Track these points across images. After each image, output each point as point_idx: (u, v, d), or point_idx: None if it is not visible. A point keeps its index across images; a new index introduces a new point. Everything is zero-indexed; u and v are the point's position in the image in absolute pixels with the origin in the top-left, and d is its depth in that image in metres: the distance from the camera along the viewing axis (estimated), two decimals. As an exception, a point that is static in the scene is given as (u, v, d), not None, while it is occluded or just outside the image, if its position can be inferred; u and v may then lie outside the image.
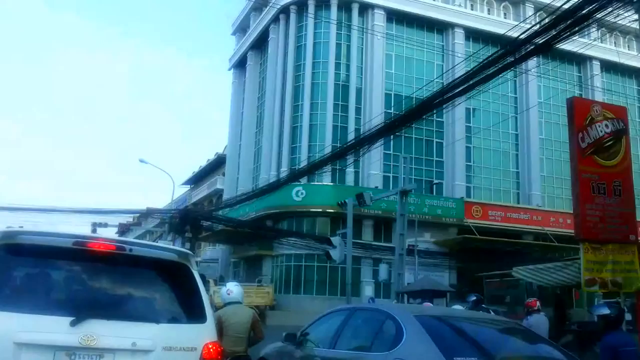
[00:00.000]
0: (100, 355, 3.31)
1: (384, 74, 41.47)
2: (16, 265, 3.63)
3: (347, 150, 20.33)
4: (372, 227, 37.94)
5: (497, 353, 4.63)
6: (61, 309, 3.35)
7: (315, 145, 38.80)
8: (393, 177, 36.74)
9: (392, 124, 17.18)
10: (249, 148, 48.51)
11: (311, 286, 37.18)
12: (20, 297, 3.43)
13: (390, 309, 5.76)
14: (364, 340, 5.63)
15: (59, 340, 3.24)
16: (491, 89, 20.37)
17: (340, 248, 20.43)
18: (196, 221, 32.37)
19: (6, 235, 3.61)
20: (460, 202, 39.84)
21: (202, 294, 3.92)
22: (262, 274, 38.90)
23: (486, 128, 40.76)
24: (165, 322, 3.61)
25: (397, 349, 4.66)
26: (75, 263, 3.68)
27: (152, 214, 40.08)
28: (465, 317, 5.82)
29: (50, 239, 3.65)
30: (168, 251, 4.06)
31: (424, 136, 41.08)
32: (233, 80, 54.57)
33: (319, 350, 5.98)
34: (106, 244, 3.67)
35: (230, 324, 6.06)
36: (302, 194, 37.17)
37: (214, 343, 3.71)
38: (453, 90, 12.80)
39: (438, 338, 4.52)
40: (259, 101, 48.76)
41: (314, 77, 41.57)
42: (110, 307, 3.53)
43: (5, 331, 3.15)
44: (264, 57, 48.65)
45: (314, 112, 40.95)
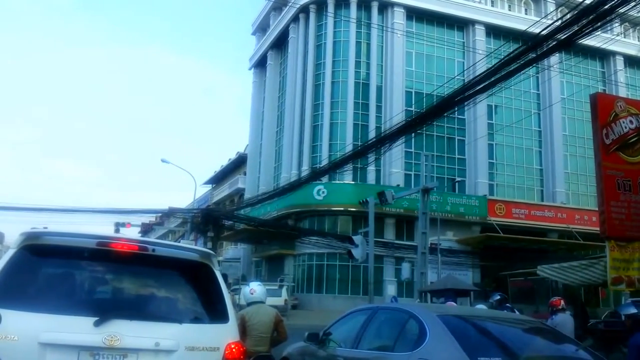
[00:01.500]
0: (123, 355, 3.32)
1: (404, 71, 41.28)
2: (40, 266, 3.66)
3: (368, 148, 20.24)
4: (394, 226, 37.80)
5: (521, 353, 4.57)
6: (85, 310, 3.38)
7: (336, 143, 38.80)
8: (415, 175, 36.58)
9: (413, 122, 17.05)
10: (269, 147, 48.68)
11: (333, 285, 37.18)
12: (45, 297, 3.46)
13: (413, 308, 5.72)
14: (386, 340, 5.59)
15: (83, 340, 3.26)
16: (513, 86, 20.12)
17: (362, 247, 20.37)
18: (218, 220, 32.54)
19: (30, 236, 3.64)
20: (483, 199, 39.47)
21: (225, 293, 3.92)
22: (284, 273, 39.00)
23: (509, 125, 40.33)
24: (187, 322, 3.62)
25: (420, 349, 4.62)
26: (98, 263, 3.72)
27: (174, 213, 40.40)
28: (488, 317, 5.75)
29: (74, 240, 3.68)
30: (190, 251, 4.08)
31: (445, 134, 40.80)
32: (253, 79, 54.82)
33: (341, 350, 5.96)
34: (129, 244, 3.69)
35: (253, 323, 6.07)
36: (323, 192, 37.18)
37: (236, 343, 3.72)
38: (474, 87, 12.65)
39: (461, 338, 4.47)
40: (280, 100, 48.90)
41: (334, 76, 41.55)
42: (133, 307, 3.55)
43: (30, 331, 3.19)
44: (284, 57, 48.77)
45: (334, 111, 40.93)
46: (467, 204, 39.08)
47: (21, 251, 3.55)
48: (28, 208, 28.05)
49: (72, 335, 3.24)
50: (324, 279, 37.79)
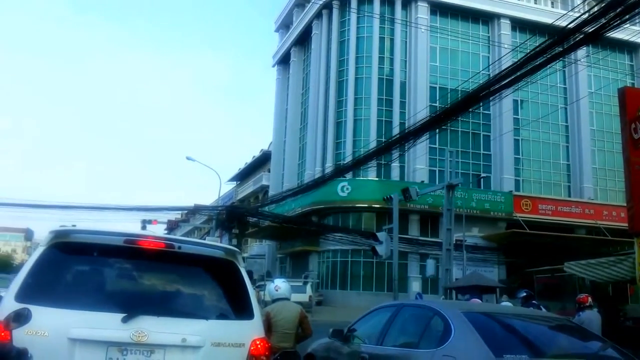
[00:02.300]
0: (151, 351, 3.37)
1: (428, 67, 40.97)
2: (69, 263, 3.73)
3: (392, 144, 20.14)
4: (419, 222, 37.62)
5: (547, 350, 4.52)
6: (113, 306, 3.43)
7: (360, 140, 38.73)
8: (439, 171, 36.34)
9: (438, 118, 16.91)
10: (293, 144, 48.77)
11: (357, 282, 37.17)
12: (73, 294, 3.52)
13: (437, 305, 5.70)
14: (411, 337, 5.58)
15: (111, 336, 3.31)
16: (539, 80, 19.81)
17: (386, 243, 20.30)
18: (242, 217, 32.79)
19: (59, 234, 3.71)
20: (509, 195, 39.02)
21: (250, 290, 3.96)
22: (309, 270, 39.10)
23: (535, 120, 39.75)
24: (213, 319, 3.65)
25: (445, 346, 4.60)
26: (125, 261, 3.77)
27: (200, 210, 40.88)
28: (514, 314, 5.70)
29: (102, 237, 3.74)
30: (215, 248, 4.11)
31: (470, 129, 40.41)
32: (277, 76, 54.95)
33: (366, 346, 5.97)
34: (156, 241, 3.74)
35: (278, 320, 6.11)
36: (347, 189, 37.15)
37: (261, 339, 3.75)
38: (500, 82, 12.51)
39: (487, 335, 4.44)
40: (303, 97, 48.95)
41: (358, 72, 41.43)
42: (160, 304, 3.60)
43: (60, 327, 3.25)
44: (307, 53, 48.79)
45: (358, 107, 40.85)
46: (493, 200, 38.68)
47: (50, 249, 3.63)
48: (56, 206, 28.64)
49: (100, 331, 3.31)
50: (348, 276, 37.79)
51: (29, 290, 3.38)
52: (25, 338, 3.01)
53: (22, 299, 3.28)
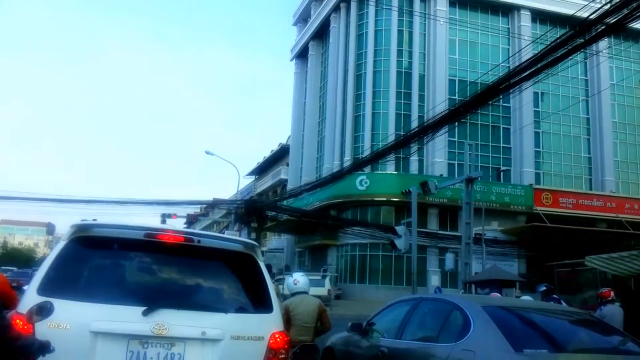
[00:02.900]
0: (171, 344, 3.40)
1: (447, 59, 40.64)
2: (90, 257, 3.78)
3: (411, 138, 20.05)
4: (438, 216, 37.45)
5: (568, 345, 4.48)
6: (133, 299, 3.46)
7: (378, 133, 38.62)
8: (458, 165, 36.06)
9: (457, 111, 16.78)
10: (312, 138, 48.77)
11: (376, 275, 37.14)
12: (95, 287, 3.57)
13: (457, 299, 5.68)
14: (430, 331, 5.57)
15: (132, 329, 3.35)
16: (560, 72, 19.58)
17: (405, 237, 20.27)
18: (261, 211, 32.87)
19: (80, 228, 3.75)
20: (529, 189, 38.63)
21: (268, 284, 3.97)
22: (327, 264, 39.16)
23: (556, 112, 39.24)
24: (233, 312, 3.67)
25: (464, 340, 4.58)
26: (146, 254, 3.80)
27: (219, 204, 41.04)
28: (534, 308, 5.65)
29: (122, 232, 3.78)
30: (234, 242, 4.12)
31: (490, 122, 40.02)
32: (295, 70, 54.93)
33: (384, 340, 5.97)
34: (175, 235, 3.76)
35: (297, 313, 6.14)
36: (365, 183, 37.09)
37: (280, 332, 3.77)
38: (520, 74, 12.37)
39: (506, 329, 4.41)
40: (321, 91, 48.89)
41: (376, 65, 41.25)
42: (180, 297, 3.62)
43: (82, 320, 3.29)
44: (326, 47, 48.69)
45: (376, 101, 40.70)
46: (513, 193, 38.35)
47: (72, 243, 3.67)
48: (78, 200, 28.99)
49: (122, 324, 3.35)
50: (367, 270, 37.78)
51: (51, 283, 3.43)
52: (48, 331, 3.05)
53: (44, 292, 3.32)
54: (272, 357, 3.65)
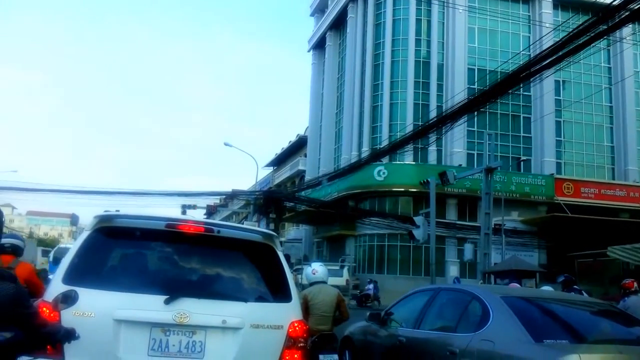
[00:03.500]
0: (192, 332, 3.47)
1: (466, 48, 40.18)
2: (113, 247, 3.87)
3: (429, 128, 19.93)
4: (456, 206, 37.22)
5: (589, 336, 4.45)
6: (155, 288, 3.53)
7: (396, 124, 38.42)
8: (477, 155, 35.77)
9: (476, 100, 16.64)
10: (329, 129, 48.70)
11: (394, 266, 37.11)
12: (118, 276, 3.67)
13: (475, 289, 5.66)
14: (448, 321, 5.57)
15: (154, 317, 3.42)
16: (582, 60, 19.22)
17: (423, 227, 20.21)
18: (279, 202, 33.01)
19: (103, 218, 3.82)
20: (550, 179, 38.19)
21: (287, 273, 4.02)
22: (345, 254, 39.22)
23: (578, 101, 38.62)
24: (252, 301, 3.72)
25: (484, 330, 4.58)
26: (167, 244, 3.86)
27: (238, 195, 41.29)
28: (554, 299, 5.61)
29: (144, 222, 3.85)
30: (253, 232, 4.16)
31: (510, 111, 39.56)
32: (313, 61, 54.77)
33: (403, 329, 5.99)
34: (196, 226, 3.82)
35: (316, 303, 6.19)
36: (383, 173, 36.98)
37: (299, 321, 3.81)
38: (541, 63, 12.22)
39: (526, 320, 4.40)
40: (339, 81, 48.73)
41: (394, 55, 40.96)
42: (200, 286, 3.68)
43: (106, 308, 3.37)
44: (343, 37, 48.46)
45: (394, 91, 40.45)
46: (533, 183, 37.93)
47: (95, 233, 3.75)
48: (100, 192, 29.45)
49: (144, 312, 3.42)
50: (385, 260, 37.75)
51: (76, 272, 3.50)
52: (73, 319, 3.12)
53: (69, 281, 3.40)
54: (291, 346, 3.69)
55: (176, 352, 3.42)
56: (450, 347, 4.75)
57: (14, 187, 30.59)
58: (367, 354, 6.72)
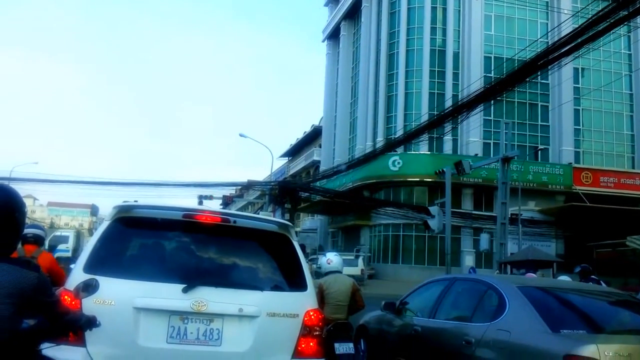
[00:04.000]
0: (210, 320, 3.52)
1: (482, 36, 39.77)
2: (132, 237, 3.93)
3: (445, 117, 19.79)
4: (472, 196, 37.04)
5: (607, 326, 4.41)
6: (173, 277, 3.58)
7: (411, 113, 38.22)
8: (494, 144, 35.52)
9: (493, 88, 16.48)
10: (344, 119, 48.61)
11: (409, 256, 37.09)
12: (137, 266, 3.72)
13: (491, 279, 5.64)
14: (464, 311, 5.56)
15: (173, 305, 3.47)
16: (602, 47, 18.98)
17: (438, 217, 20.16)
18: (295, 192, 33.07)
19: (122, 209, 3.87)
20: (568, 168, 37.81)
21: (303, 263, 4.04)
22: (360, 244, 39.28)
23: (597, 88, 38.07)
24: (268, 290, 3.76)
25: (500, 320, 4.56)
26: (184, 234, 3.90)
27: (253, 186, 41.52)
28: (572, 289, 5.57)
29: (162, 212, 3.90)
30: (269, 222, 4.19)
31: (527, 100, 39.16)
32: (327, 51, 54.62)
33: (418, 319, 6.00)
34: (212, 216, 3.87)
35: (331, 292, 6.22)
36: (398, 163, 36.88)
37: (315, 310, 3.84)
38: (559, 50, 12.05)
39: (543, 310, 4.37)
40: (353, 71, 48.55)
41: (409, 44, 40.68)
42: (217, 275, 3.73)
43: (125, 297, 3.43)
44: (357, 27, 48.21)
45: (409, 80, 40.22)
46: (551, 172, 37.58)
47: (114, 223, 3.81)
48: (119, 182, 29.87)
49: (163, 300, 3.47)
50: (400, 250, 37.74)
51: (96, 261, 3.56)
52: (94, 307, 3.17)
53: (89, 270, 3.46)
54: (306, 334, 3.73)
55: (194, 339, 3.47)
56: (466, 337, 4.75)
57: (35, 179, 31.19)
58: (382, 343, 6.74)
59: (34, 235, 5.43)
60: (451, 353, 4.98)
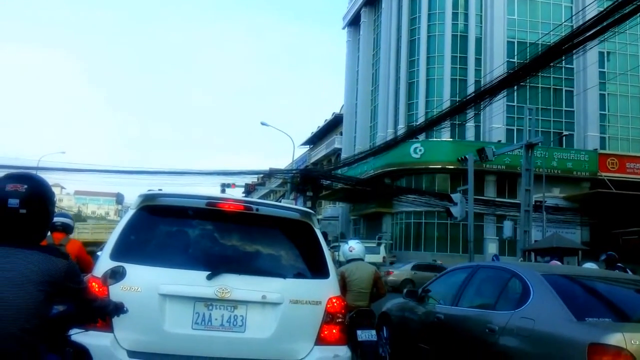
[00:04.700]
0: (234, 307, 3.56)
1: (505, 20, 39.13)
2: (157, 225, 3.98)
3: (467, 104, 19.62)
4: (495, 183, 36.69)
5: (633, 314, 4.36)
6: (198, 264, 3.63)
7: (433, 100, 37.92)
8: (517, 130, 35.04)
9: (516, 74, 16.27)
10: (365, 106, 48.40)
11: (432, 243, 36.95)
12: (162, 253, 3.77)
13: (515, 267, 5.60)
14: (487, 299, 5.53)
15: (197, 292, 3.52)
16: (628, 30, 18.54)
17: (461, 205, 20.06)
18: (316, 180, 33.16)
19: (147, 197, 3.93)
20: (594, 154, 37.19)
21: (325, 251, 4.06)
22: (382, 231, 39.24)
23: (623, 73, 37.25)
24: (291, 277, 3.79)
25: (524, 308, 4.54)
26: (208, 222, 3.95)
27: (275, 174, 41.71)
28: (597, 276, 5.51)
29: (186, 201, 3.95)
30: (291, 210, 4.23)
31: (551, 85, 38.50)
32: (347, 38, 54.29)
33: (440, 307, 5.99)
34: (235, 204, 3.90)
35: (353, 279, 6.25)
36: (420, 150, 36.66)
37: (337, 297, 3.86)
38: (584, 34, 11.84)
39: (568, 297, 4.33)
40: (374, 58, 48.23)
41: (430, 30, 40.23)
42: (241, 263, 3.77)
43: (151, 283, 3.50)
44: (378, 13, 47.78)
45: (430, 66, 39.82)
46: (576, 159, 37.02)
47: (139, 211, 3.86)
48: (144, 171, 30.31)
49: (188, 287, 3.52)
50: (422, 237, 37.62)
51: (122, 249, 3.63)
52: (121, 293, 3.24)
53: (116, 257, 3.53)
54: (329, 321, 3.75)
55: (219, 325, 3.52)
56: (489, 325, 4.73)
57: (63, 168, 31.82)
58: (404, 330, 6.75)
59: (63, 224, 5.55)
60: (474, 341, 4.97)
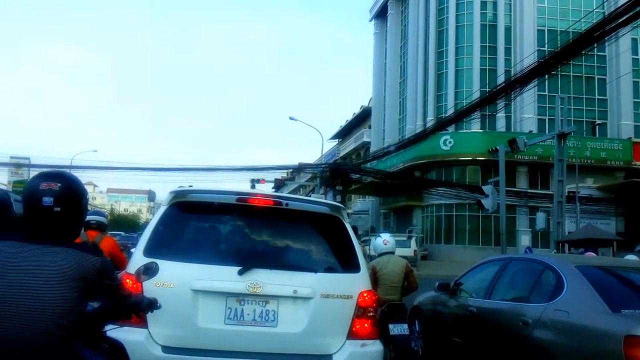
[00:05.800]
0: (266, 302, 3.58)
1: (535, 8, 38.42)
2: (188, 221, 4.04)
3: (497, 94, 19.35)
4: (527, 174, 36.16)
5: (672, 306, 4.26)
6: (229, 260, 3.67)
7: (462, 91, 37.50)
8: (549, 120, 34.44)
9: (547, 63, 15.98)
10: (393, 99, 48.13)
11: (463, 236, 36.63)
12: (194, 249, 3.83)
13: (548, 259, 5.53)
14: (520, 291, 5.48)
15: (229, 287, 3.56)
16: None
17: (492, 197, 19.78)
18: (345, 174, 33.09)
19: (178, 194, 3.98)
20: (628, 143, 36.32)
21: (355, 245, 4.06)
22: (413, 224, 39.04)
23: (658, 59, 36.23)
24: (322, 272, 3.80)
25: (557, 300, 4.48)
26: (238, 217, 3.98)
27: (304, 169, 41.84)
28: (633, 267, 5.40)
29: (216, 196, 3.99)
30: (321, 205, 4.23)
31: (583, 73, 37.64)
32: (375, 31, 54.02)
33: (473, 300, 5.95)
34: (265, 199, 3.94)
35: (384, 273, 6.24)
36: (450, 142, 36.33)
37: (368, 291, 3.85)
38: (616, 20, 11.55)
39: (602, 289, 4.27)
40: (402, 50, 47.89)
41: (459, 20, 39.74)
42: (271, 258, 3.79)
43: (184, 279, 3.55)
44: (405, 4, 47.39)
45: (459, 57, 39.38)
46: (609, 148, 36.21)
47: (171, 208, 3.92)
48: (175, 168, 30.82)
49: (220, 282, 3.57)
50: (453, 230, 37.31)
51: (155, 245, 3.69)
52: (154, 289, 3.30)
53: (149, 253, 3.58)
54: (361, 315, 3.75)
55: (251, 320, 3.56)
56: (523, 318, 4.69)
57: (95, 166, 32.53)
58: (436, 324, 6.73)
59: (97, 222, 5.66)
60: (508, 334, 4.93)
